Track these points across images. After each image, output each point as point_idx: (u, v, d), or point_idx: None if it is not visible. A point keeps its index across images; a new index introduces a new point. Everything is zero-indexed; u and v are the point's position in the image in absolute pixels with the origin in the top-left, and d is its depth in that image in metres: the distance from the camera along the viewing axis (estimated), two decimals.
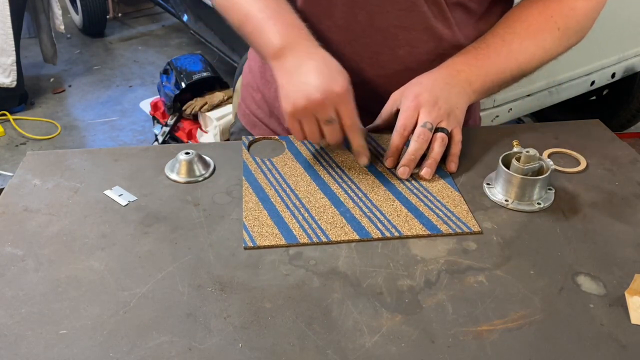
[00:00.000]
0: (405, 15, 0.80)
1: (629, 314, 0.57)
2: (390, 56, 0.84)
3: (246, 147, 0.83)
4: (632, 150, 0.84)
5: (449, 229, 0.67)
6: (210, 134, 2.42)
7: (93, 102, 3.21)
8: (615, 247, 0.66)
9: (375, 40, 0.83)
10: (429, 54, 0.84)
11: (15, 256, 0.63)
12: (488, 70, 0.81)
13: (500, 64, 0.81)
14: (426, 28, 0.82)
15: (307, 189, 0.74)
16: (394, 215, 0.69)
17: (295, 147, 0.83)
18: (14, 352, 0.52)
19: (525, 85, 2.00)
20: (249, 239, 0.65)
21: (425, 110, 0.76)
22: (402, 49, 0.83)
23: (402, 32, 0.82)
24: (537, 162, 0.71)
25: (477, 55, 0.81)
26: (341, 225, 0.67)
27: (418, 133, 0.75)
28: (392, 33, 0.82)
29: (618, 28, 2.18)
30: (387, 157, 0.78)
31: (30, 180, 0.75)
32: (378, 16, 0.81)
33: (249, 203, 0.71)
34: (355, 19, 0.81)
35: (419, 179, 0.76)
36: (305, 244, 0.65)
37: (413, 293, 0.59)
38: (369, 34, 0.82)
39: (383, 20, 0.81)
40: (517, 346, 0.53)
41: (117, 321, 0.55)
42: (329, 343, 0.53)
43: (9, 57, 2.81)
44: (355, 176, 0.77)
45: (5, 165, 2.62)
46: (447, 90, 0.78)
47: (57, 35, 3.22)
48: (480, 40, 0.83)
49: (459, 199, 0.73)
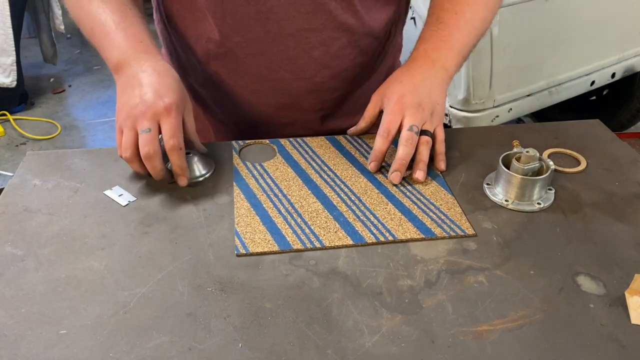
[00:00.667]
0: (313, 16, 0.80)
1: (629, 314, 0.57)
2: (307, 59, 0.84)
3: (237, 152, 0.82)
4: (632, 150, 0.84)
5: (443, 232, 0.67)
6: None
7: (93, 102, 3.21)
8: (615, 247, 0.66)
9: (288, 47, 0.83)
10: (344, 48, 0.85)
11: (15, 256, 0.63)
12: (458, 49, 0.82)
13: (465, 38, 0.82)
14: (336, 25, 0.82)
15: (300, 193, 0.73)
16: (388, 219, 0.69)
17: (287, 151, 0.82)
18: (14, 352, 0.52)
19: (525, 85, 2.00)
20: (241, 246, 0.64)
21: (410, 113, 0.75)
22: (317, 50, 0.83)
23: (313, 34, 0.82)
24: (537, 162, 0.71)
25: (442, 37, 0.81)
26: (335, 230, 0.67)
27: (406, 137, 0.74)
28: (304, 36, 0.82)
29: (618, 28, 2.18)
30: (370, 161, 0.77)
31: (30, 180, 0.75)
32: (286, 22, 0.80)
33: (240, 209, 0.70)
34: (264, 29, 0.81)
35: (413, 182, 0.76)
36: (298, 250, 0.64)
37: (413, 293, 0.59)
38: (281, 41, 0.82)
39: (292, 25, 0.81)
40: (517, 346, 0.53)
41: (117, 321, 0.55)
42: (329, 343, 0.53)
43: (9, 57, 2.82)
44: (348, 179, 0.76)
45: (5, 165, 2.62)
46: (428, 87, 0.78)
47: (57, 35, 3.22)
48: (435, 19, 0.83)
49: (452, 201, 0.72)
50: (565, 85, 2.15)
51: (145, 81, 0.70)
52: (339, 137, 0.85)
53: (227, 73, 0.87)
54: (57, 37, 3.28)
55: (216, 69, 0.87)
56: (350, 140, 0.85)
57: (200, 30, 0.84)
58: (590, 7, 2.05)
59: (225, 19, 0.81)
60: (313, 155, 0.81)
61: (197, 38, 0.85)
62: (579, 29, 2.04)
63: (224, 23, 0.81)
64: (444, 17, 0.83)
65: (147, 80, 0.71)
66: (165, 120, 0.69)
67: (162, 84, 0.71)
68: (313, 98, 0.89)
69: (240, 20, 0.80)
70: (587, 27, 2.05)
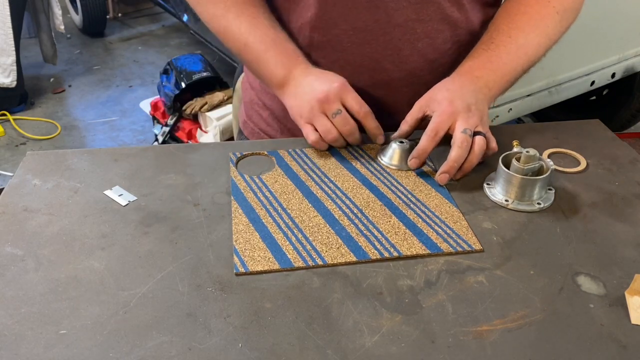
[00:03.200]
0: (422, 7, 0.82)
1: (629, 314, 0.57)
2: (411, 50, 0.85)
3: (234, 164, 0.79)
4: (632, 150, 0.84)
5: (449, 248, 0.65)
6: (210, 134, 2.42)
7: (93, 102, 3.21)
8: (615, 247, 0.66)
9: (394, 37, 0.84)
10: (446, 42, 0.86)
11: (15, 256, 0.63)
12: (503, 71, 0.82)
13: (513, 63, 0.83)
14: (442, 17, 0.83)
15: (300, 207, 0.71)
16: (392, 233, 0.67)
17: (286, 162, 0.79)
18: (14, 352, 0.52)
19: (525, 85, 2.00)
20: (240, 265, 0.61)
21: (463, 117, 0.76)
22: (421, 42, 0.85)
23: (420, 25, 0.83)
24: (537, 162, 0.71)
25: (490, 57, 0.82)
26: (337, 246, 0.65)
27: (461, 139, 0.74)
28: (411, 27, 0.83)
29: (618, 28, 2.18)
30: (412, 157, 0.77)
31: (30, 180, 0.75)
32: (396, 12, 0.82)
33: (239, 225, 0.67)
34: (373, 19, 0.82)
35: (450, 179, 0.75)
36: (299, 267, 0.62)
37: (413, 293, 0.59)
38: (388, 31, 0.83)
39: (401, 16, 0.82)
40: (517, 346, 0.53)
41: (117, 321, 0.55)
42: (329, 343, 0.53)
43: (9, 57, 2.82)
44: (349, 191, 0.74)
45: (5, 165, 2.62)
46: (474, 97, 0.78)
47: (57, 35, 3.22)
48: (488, 39, 0.84)
49: (458, 214, 0.70)
50: (565, 85, 2.15)
51: (312, 79, 0.81)
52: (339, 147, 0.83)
53: (328, 64, 0.87)
54: (57, 37, 3.28)
55: (317, 59, 0.87)
56: (351, 150, 0.83)
57: (303, 20, 0.85)
58: (590, 7, 2.04)
59: (337, 6, 0.82)
60: (313, 166, 0.79)
61: (300, 28, 0.86)
62: (579, 29, 2.04)
63: (333, 9, 0.82)
64: (497, 38, 0.83)
65: (313, 78, 0.81)
66: (347, 96, 0.79)
67: (325, 74, 0.81)
68: (409, 90, 0.88)
69: (350, 8, 0.82)
70: (587, 27, 2.05)
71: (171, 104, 2.47)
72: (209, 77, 2.46)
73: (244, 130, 1.05)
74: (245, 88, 1.05)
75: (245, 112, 1.04)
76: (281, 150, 0.82)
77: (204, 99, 2.42)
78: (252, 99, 1.01)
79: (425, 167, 0.79)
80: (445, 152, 0.76)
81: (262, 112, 0.99)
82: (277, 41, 0.83)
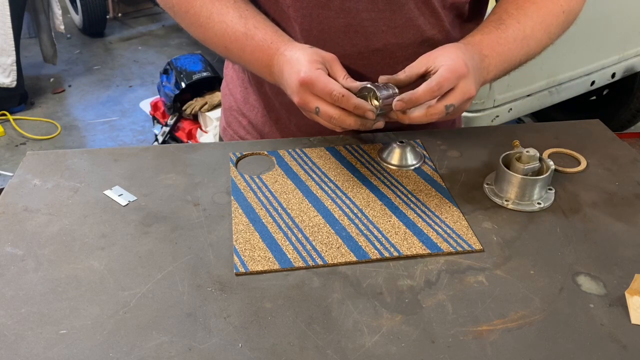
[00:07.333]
0: (401, 31, 0.80)
1: (629, 314, 0.57)
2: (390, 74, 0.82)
3: (234, 163, 0.79)
4: (632, 150, 0.84)
5: (449, 247, 0.65)
6: (210, 133, 2.42)
7: (93, 102, 3.21)
8: (615, 247, 0.66)
9: (372, 62, 0.82)
10: None
11: (15, 256, 0.63)
12: (505, 58, 0.79)
13: (516, 52, 0.80)
14: (423, 40, 0.82)
15: (300, 206, 0.71)
16: (392, 233, 0.67)
17: (286, 162, 0.79)
18: (14, 352, 0.52)
19: (526, 85, 2.00)
20: (240, 264, 0.62)
21: (460, 88, 0.70)
22: (401, 65, 0.80)
23: (399, 50, 0.82)
24: (537, 162, 0.71)
25: (499, 38, 0.78)
26: (337, 246, 0.65)
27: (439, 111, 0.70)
28: (390, 51, 0.82)
29: (618, 28, 2.18)
30: (400, 99, 0.69)
31: (30, 180, 0.75)
32: (375, 37, 0.80)
33: (239, 225, 0.67)
34: (351, 43, 0.81)
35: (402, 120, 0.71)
36: (299, 267, 0.62)
37: (413, 293, 0.59)
38: (366, 55, 0.82)
39: (379, 40, 0.80)
40: (517, 346, 0.53)
41: (117, 321, 0.55)
42: (329, 343, 0.53)
43: (9, 57, 2.82)
44: (349, 191, 0.74)
45: (5, 165, 2.62)
46: (477, 75, 0.74)
47: (57, 35, 3.23)
48: (497, 18, 0.80)
49: (458, 214, 0.70)
50: (565, 85, 2.15)
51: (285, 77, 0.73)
52: (339, 147, 0.83)
53: None
54: (57, 37, 3.28)
55: None
56: (351, 150, 0.83)
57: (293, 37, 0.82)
58: (590, 7, 2.04)
59: (312, 31, 0.80)
60: (313, 166, 0.79)
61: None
62: (579, 29, 2.04)
63: (310, 35, 0.81)
64: (507, 20, 0.80)
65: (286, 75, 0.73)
66: (315, 88, 0.70)
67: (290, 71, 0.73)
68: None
69: (327, 33, 0.80)
70: (587, 27, 2.05)
71: (171, 104, 2.47)
72: (209, 77, 2.46)
73: (223, 137, 1.04)
74: (224, 94, 1.03)
75: (225, 119, 1.03)
76: (281, 150, 0.82)
77: (204, 99, 2.43)
78: (231, 106, 1.00)
79: (425, 167, 0.79)
80: (446, 152, 0.76)
81: (241, 119, 0.98)
82: (248, 35, 0.77)
